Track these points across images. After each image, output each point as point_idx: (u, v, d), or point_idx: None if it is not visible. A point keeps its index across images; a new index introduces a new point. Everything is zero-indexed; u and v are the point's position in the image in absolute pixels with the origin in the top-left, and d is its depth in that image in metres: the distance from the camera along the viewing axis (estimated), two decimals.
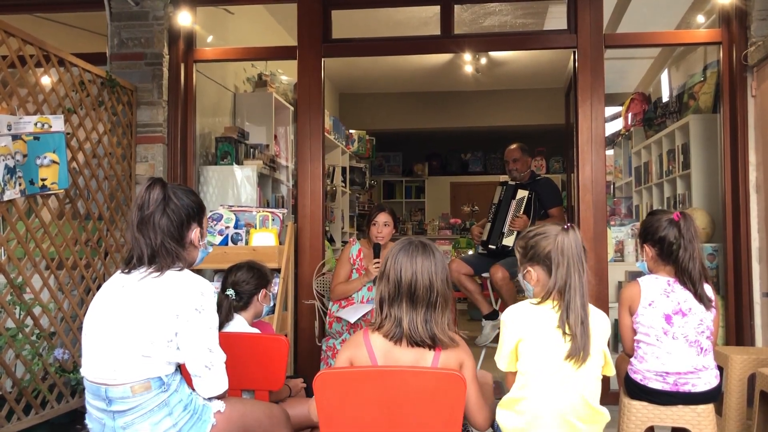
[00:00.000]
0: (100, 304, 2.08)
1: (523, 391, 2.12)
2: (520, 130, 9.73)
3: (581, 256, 2.14)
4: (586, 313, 2.10)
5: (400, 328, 2.01)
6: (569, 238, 2.14)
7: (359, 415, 1.88)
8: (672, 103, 5.75)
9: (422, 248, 2.07)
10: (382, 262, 2.12)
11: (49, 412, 3.46)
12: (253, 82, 5.85)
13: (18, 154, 3.17)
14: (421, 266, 2.03)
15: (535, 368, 2.10)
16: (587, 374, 2.11)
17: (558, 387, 2.09)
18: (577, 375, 2.09)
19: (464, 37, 4.79)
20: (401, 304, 2.02)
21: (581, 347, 2.07)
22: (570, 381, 2.09)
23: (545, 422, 2.08)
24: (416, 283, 2.01)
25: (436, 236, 10.32)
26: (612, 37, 4.51)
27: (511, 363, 2.17)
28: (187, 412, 2.03)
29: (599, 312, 2.23)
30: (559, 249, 2.14)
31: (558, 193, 5.08)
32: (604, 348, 2.17)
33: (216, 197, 4.85)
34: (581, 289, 2.11)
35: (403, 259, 2.04)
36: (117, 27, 4.46)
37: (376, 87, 9.29)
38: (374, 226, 4.07)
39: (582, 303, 2.10)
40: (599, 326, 2.18)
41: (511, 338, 2.16)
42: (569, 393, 2.09)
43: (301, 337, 4.48)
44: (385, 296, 2.05)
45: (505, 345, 2.18)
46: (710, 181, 4.87)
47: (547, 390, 2.09)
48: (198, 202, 2.22)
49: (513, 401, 2.14)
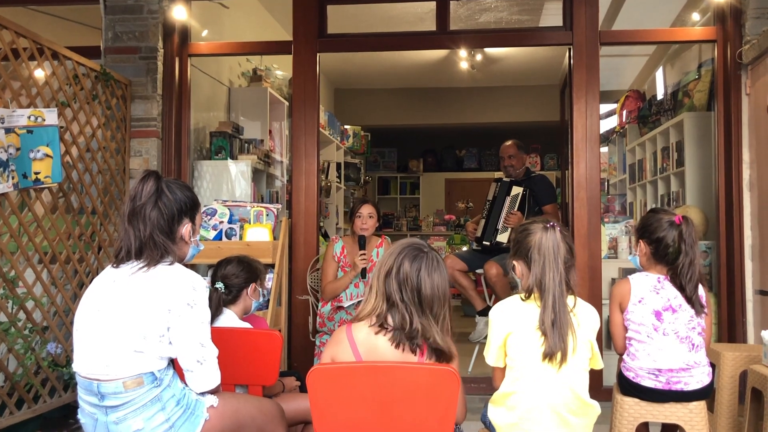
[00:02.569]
0: (91, 299, 2.08)
1: (513, 385, 2.14)
2: (515, 127, 9.73)
3: (557, 255, 2.14)
4: (560, 312, 2.10)
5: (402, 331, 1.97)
6: (547, 236, 2.16)
7: (353, 410, 1.89)
8: (667, 101, 5.76)
9: (437, 262, 2.04)
10: (387, 260, 2.06)
11: (42, 407, 3.45)
12: (248, 77, 5.83)
13: (11, 148, 3.15)
14: (438, 281, 2.01)
15: (524, 363, 2.12)
16: (575, 367, 2.12)
17: (547, 381, 2.10)
18: (564, 368, 2.10)
19: (460, 34, 4.79)
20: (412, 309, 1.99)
21: (554, 348, 2.07)
22: (558, 374, 2.10)
23: (537, 416, 2.09)
24: (434, 297, 2.00)
25: (430, 232, 10.32)
26: (607, 34, 4.51)
27: (500, 358, 2.19)
28: (180, 407, 2.02)
29: (587, 305, 2.24)
30: (537, 246, 2.16)
31: (553, 190, 5.08)
32: (591, 340, 2.17)
33: (210, 192, 4.84)
34: (554, 290, 2.12)
35: (422, 270, 2.00)
36: (111, 20, 4.43)
37: (371, 83, 9.28)
38: (359, 218, 4.06)
39: (554, 303, 2.10)
40: (586, 319, 2.18)
41: (499, 332, 2.18)
42: (559, 386, 2.10)
43: (295, 332, 4.47)
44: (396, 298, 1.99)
45: (494, 339, 2.20)
46: (704, 179, 4.88)
47: (537, 384, 2.10)
48: (192, 198, 2.20)
49: (504, 396, 2.16)
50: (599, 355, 2.21)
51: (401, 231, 10.53)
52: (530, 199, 4.89)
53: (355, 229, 4.08)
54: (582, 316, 2.17)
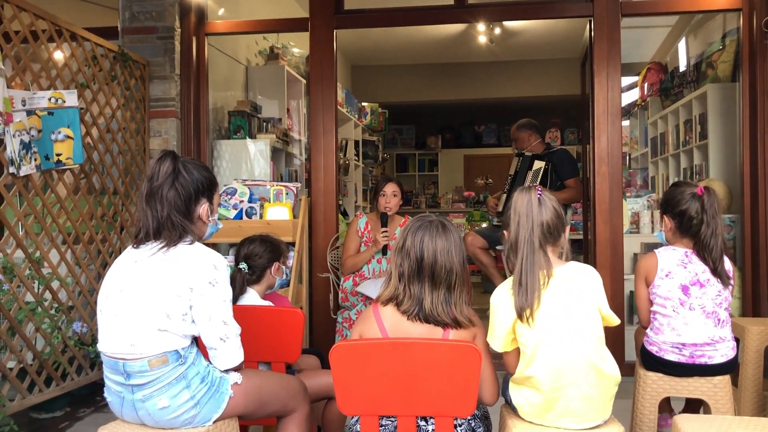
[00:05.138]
0: (114, 280, 2.09)
1: (532, 367, 2.06)
2: (535, 102, 9.64)
3: (529, 213, 2.11)
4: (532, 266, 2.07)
5: (420, 307, 2.00)
6: (522, 196, 2.15)
7: (375, 386, 1.89)
8: (689, 73, 5.66)
9: (442, 229, 2.05)
10: (400, 237, 2.10)
11: (69, 384, 3.52)
12: (265, 55, 5.81)
13: (33, 130, 3.18)
14: (442, 248, 2.02)
15: (537, 339, 2.05)
16: (588, 336, 2.04)
17: (564, 356, 2.03)
18: (578, 339, 2.03)
19: (478, 7, 4.72)
20: (423, 283, 2.01)
21: (523, 305, 2.04)
22: (574, 347, 2.03)
23: (560, 394, 2.05)
24: (437, 264, 2.01)
25: (449, 209, 10.28)
26: (629, 5, 4.42)
27: (508, 342, 2.12)
28: (205, 384, 2.05)
29: (586, 267, 2.16)
30: (514, 207, 2.16)
31: (574, 164, 5.03)
32: (599, 303, 2.10)
33: (230, 171, 4.85)
34: (526, 246, 2.09)
35: (425, 239, 2.03)
36: (128, 0, 4.43)
37: (388, 59, 9.21)
38: (382, 196, 4.06)
39: (527, 258, 2.08)
40: (586, 283, 2.11)
41: (506, 317, 2.09)
42: (577, 360, 2.03)
43: (316, 310, 4.50)
44: (404, 271, 2.04)
45: (500, 325, 2.11)
46: (728, 152, 4.80)
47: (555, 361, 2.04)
48: (209, 177, 2.20)
49: (526, 378, 2.08)
50: (611, 315, 2.12)
51: (420, 208, 10.50)
52: (552, 173, 4.84)
53: (379, 207, 4.08)
54: (579, 280, 2.11)
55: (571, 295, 2.07)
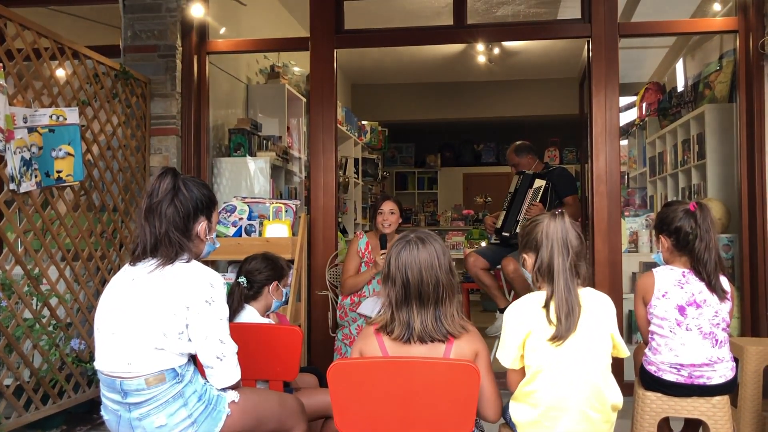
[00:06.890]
0: (111, 298, 2.09)
1: (534, 383, 2.10)
2: (534, 121, 9.69)
3: (566, 240, 2.14)
4: (570, 295, 2.09)
5: (410, 330, 2.00)
6: (555, 222, 2.17)
7: (373, 405, 1.89)
8: (687, 93, 5.69)
9: (422, 244, 2.05)
10: (385, 264, 2.10)
11: (67, 402, 3.50)
12: (265, 74, 5.85)
13: (34, 147, 3.19)
14: (425, 262, 2.01)
15: (544, 359, 2.08)
16: (595, 362, 2.09)
17: (569, 377, 2.07)
18: (586, 363, 2.07)
19: (477, 27, 4.76)
20: (410, 306, 2.01)
21: (563, 332, 2.06)
22: (580, 371, 2.07)
23: (559, 414, 2.07)
24: (423, 283, 2.00)
25: (449, 227, 10.28)
26: (627, 26, 4.46)
27: (517, 359, 2.13)
28: (202, 403, 2.04)
29: (601, 295, 2.21)
30: (545, 232, 2.17)
31: (573, 182, 5.04)
32: (611, 331, 2.15)
33: (229, 189, 4.87)
34: (565, 273, 2.11)
35: (408, 260, 2.02)
36: (130, 19, 4.47)
37: (388, 78, 9.27)
38: (380, 214, 4.06)
39: (566, 285, 2.10)
40: (602, 309, 2.16)
41: (518, 332, 2.12)
42: (580, 383, 2.07)
43: (315, 327, 4.49)
44: (392, 299, 2.03)
45: (511, 340, 2.13)
46: (726, 172, 4.82)
47: (559, 380, 2.07)
48: (208, 195, 2.20)
49: (526, 394, 2.12)
50: (622, 344, 2.18)
51: (419, 226, 10.49)
52: (552, 192, 4.86)
53: (378, 226, 4.07)
54: (595, 306, 2.14)
55: (586, 320, 2.10)
